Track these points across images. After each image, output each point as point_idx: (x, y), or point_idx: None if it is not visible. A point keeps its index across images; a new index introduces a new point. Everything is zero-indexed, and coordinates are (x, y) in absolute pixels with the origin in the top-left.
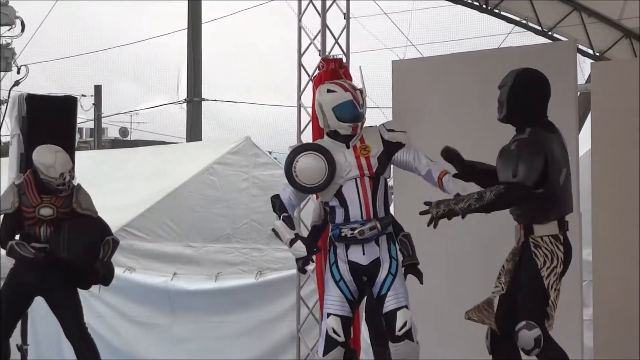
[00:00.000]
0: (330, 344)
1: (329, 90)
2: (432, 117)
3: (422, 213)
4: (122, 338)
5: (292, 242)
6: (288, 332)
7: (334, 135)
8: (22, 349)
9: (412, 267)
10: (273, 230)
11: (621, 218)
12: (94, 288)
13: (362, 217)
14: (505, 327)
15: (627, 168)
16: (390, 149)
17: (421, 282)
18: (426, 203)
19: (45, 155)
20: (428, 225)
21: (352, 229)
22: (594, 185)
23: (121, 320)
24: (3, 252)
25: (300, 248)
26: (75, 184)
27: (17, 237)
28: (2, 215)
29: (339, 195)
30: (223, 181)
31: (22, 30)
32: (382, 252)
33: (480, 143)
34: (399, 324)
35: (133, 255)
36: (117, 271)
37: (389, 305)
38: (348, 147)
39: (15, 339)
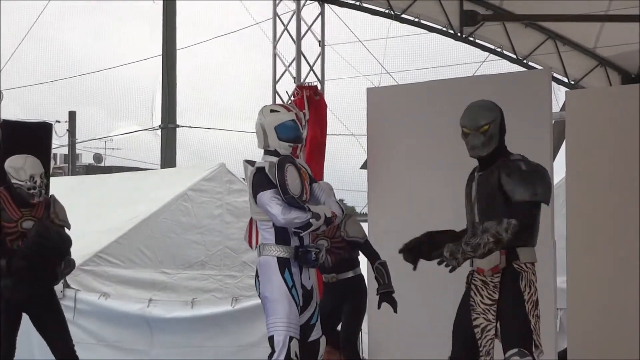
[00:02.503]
0: None
1: (272, 111)
2: (406, 144)
3: (439, 264)
4: None
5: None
6: (266, 356)
7: (275, 155)
8: None
9: (387, 295)
10: (312, 216)
11: (596, 245)
12: (68, 313)
13: (309, 241)
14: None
15: (601, 195)
16: (310, 179)
17: (395, 311)
18: (439, 262)
19: (15, 160)
20: (450, 272)
21: (315, 253)
22: (568, 213)
23: (99, 345)
24: None
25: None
26: (49, 195)
27: None
28: None
29: None
30: (197, 208)
31: None
32: (312, 277)
33: (454, 171)
34: (321, 352)
35: (107, 281)
36: (92, 297)
37: (315, 334)
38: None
39: None
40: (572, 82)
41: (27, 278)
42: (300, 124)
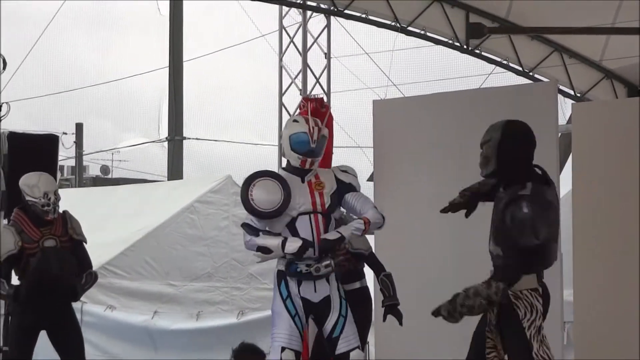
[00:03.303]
0: None
1: (293, 120)
2: (412, 156)
3: (435, 315)
4: None
5: (283, 243)
6: None
7: (291, 168)
8: (2, 350)
9: (392, 308)
10: (258, 249)
11: (602, 259)
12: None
13: (314, 254)
14: None
15: (608, 209)
16: (342, 189)
17: (400, 324)
18: (434, 313)
19: (29, 177)
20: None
21: (308, 265)
22: (574, 226)
23: (103, 358)
24: None
25: (294, 240)
26: (63, 211)
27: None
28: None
29: (292, 228)
30: (204, 220)
31: (4, 67)
32: (333, 290)
33: (461, 183)
34: None
35: (113, 293)
36: (98, 309)
37: (341, 347)
38: (303, 181)
39: None
40: (578, 95)
41: (33, 305)
42: (311, 138)
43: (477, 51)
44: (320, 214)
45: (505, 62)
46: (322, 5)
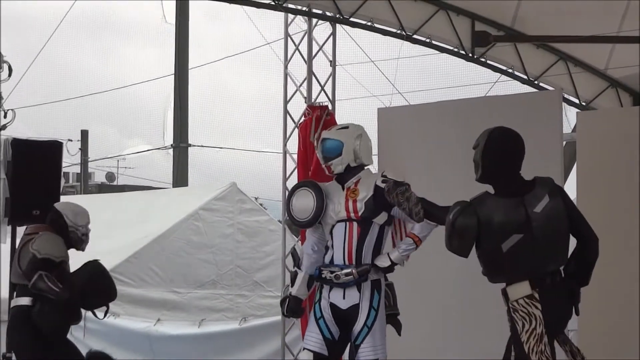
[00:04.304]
0: None
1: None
2: (417, 164)
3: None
4: None
5: (282, 301)
6: None
7: (338, 176)
8: (6, 357)
9: (392, 317)
10: (292, 254)
11: (607, 267)
12: (79, 333)
13: (344, 261)
14: None
15: (613, 217)
16: (377, 195)
17: (399, 334)
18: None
19: (71, 204)
20: None
21: (331, 272)
22: None
23: None
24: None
25: (283, 308)
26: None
27: None
28: (32, 256)
29: (331, 235)
30: (208, 227)
31: (10, 74)
32: (363, 299)
33: (466, 192)
34: None
35: (118, 300)
36: (101, 316)
37: (361, 356)
38: (343, 188)
39: None
40: (583, 104)
41: (63, 311)
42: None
43: (483, 59)
44: (355, 221)
45: (510, 70)
46: (327, 13)
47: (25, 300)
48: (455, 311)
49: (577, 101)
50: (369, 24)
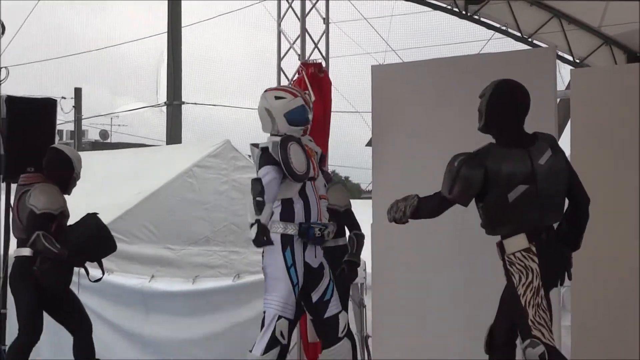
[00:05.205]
0: (273, 344)
1: (277, 97)
2: (411, 122)
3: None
4: (97, 338)
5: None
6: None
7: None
8: (0, 350)
9: (352, 265)
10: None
11: (599, 223)
12: (73, 288)
13: (317, 219)
14: (506, 332)
15: (606, 174)
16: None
17: (348, 282)
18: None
19: (73, 151)
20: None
21: (320, 230)
22: None
23: (97, 321)
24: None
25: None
26: None
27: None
28: (29, 211)
29: (302, 192)
30: (202, 184)
31: (3, 32)
32: (323, 255)
33: (459, 149)
34: (341, 326)
35: (111, 257)
36: (96, 273)
37: (332, 309)
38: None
39: None
40: (577, 61)
41: (66, 267)
42: (308, 105)
43: (476, 17)
44: (314, 180)
45: (504, 28)
46: None
47: (26, 251)
48: (452, 305)
49: (570, 58)
50: None
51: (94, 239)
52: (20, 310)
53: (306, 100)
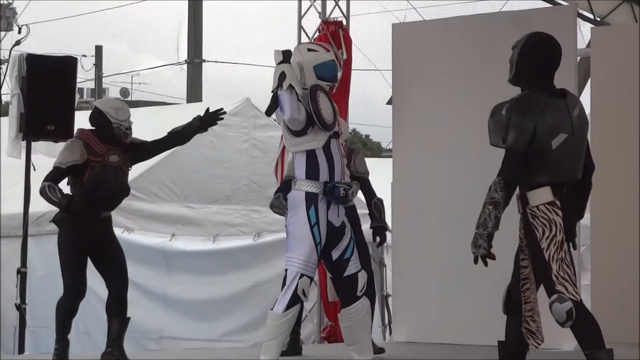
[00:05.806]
0: (294, 302)
1: (309, 50)
2: (431, 80)
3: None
4: None
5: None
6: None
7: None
8: (21, 308)
9: (380, 230)
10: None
11: (619, 182)
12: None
13: (340, 178)
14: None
15: (627, 132)
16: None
17: (381, 243)
18: (475, 260)
19: (113, 102)
20: (475, 263)
21: (345, 189)
22: (592, 149)
23: None
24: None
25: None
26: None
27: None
28: (55, 167)
29: (327, 150)
30: (223, 142)
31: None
32: (345, 215)
33: (480, 106)
34: (360, 285)
35: (132, 215)
36: (116, 231)
37: (352, 268)
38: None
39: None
40: (598, 19)
41: (80, 220)
42: (339, 62)
43: None
44: (339, 136)
45: None
46: None
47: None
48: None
49: (591, 16)
50: None
51: (91, 189)
52: (63, 271)
53: (338, 57)
